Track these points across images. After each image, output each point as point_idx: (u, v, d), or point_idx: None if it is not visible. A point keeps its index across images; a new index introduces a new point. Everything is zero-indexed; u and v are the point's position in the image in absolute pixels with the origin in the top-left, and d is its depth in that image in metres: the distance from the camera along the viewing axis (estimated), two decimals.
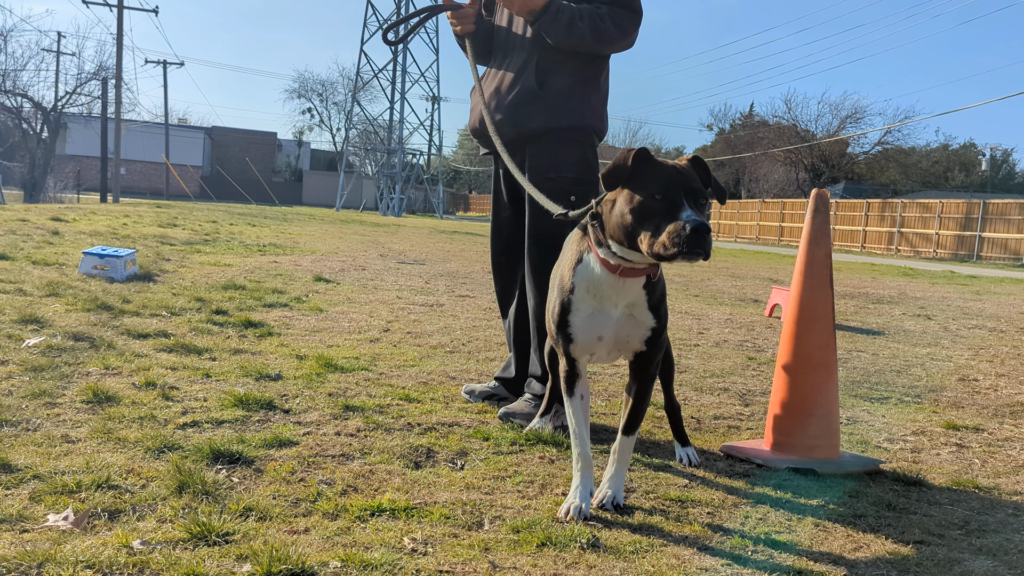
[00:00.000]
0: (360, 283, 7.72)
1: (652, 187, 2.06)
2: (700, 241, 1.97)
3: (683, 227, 1.97)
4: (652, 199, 2.05)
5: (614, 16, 3.06)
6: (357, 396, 3.35)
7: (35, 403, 2.92)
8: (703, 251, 1.98)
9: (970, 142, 58.52)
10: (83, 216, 16.37)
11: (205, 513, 2.02)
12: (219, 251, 10.31)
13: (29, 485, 2.17)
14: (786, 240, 35.69)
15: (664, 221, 2.02)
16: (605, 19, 3.05)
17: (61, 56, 38.46)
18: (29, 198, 29.08)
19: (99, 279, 6.34)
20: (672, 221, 2.00)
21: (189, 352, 3.96)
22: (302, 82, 72.09)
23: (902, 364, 5.11)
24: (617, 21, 3.06)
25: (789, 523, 2.30)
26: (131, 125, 47.77)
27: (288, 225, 19.72)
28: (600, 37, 3.05)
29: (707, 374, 4.39)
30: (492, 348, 4.74)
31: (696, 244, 1.97)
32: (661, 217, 2.03)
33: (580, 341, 2.34)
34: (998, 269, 21.59)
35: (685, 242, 1.97)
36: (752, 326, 6.53)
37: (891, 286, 12.23)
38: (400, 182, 46.32)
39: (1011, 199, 28.09)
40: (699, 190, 2.09)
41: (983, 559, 2.11)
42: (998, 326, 7.61)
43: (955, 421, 3.61)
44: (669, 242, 1.99)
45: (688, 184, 2.07)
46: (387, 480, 2.41)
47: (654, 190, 2.06)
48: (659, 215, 2.04)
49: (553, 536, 2.05)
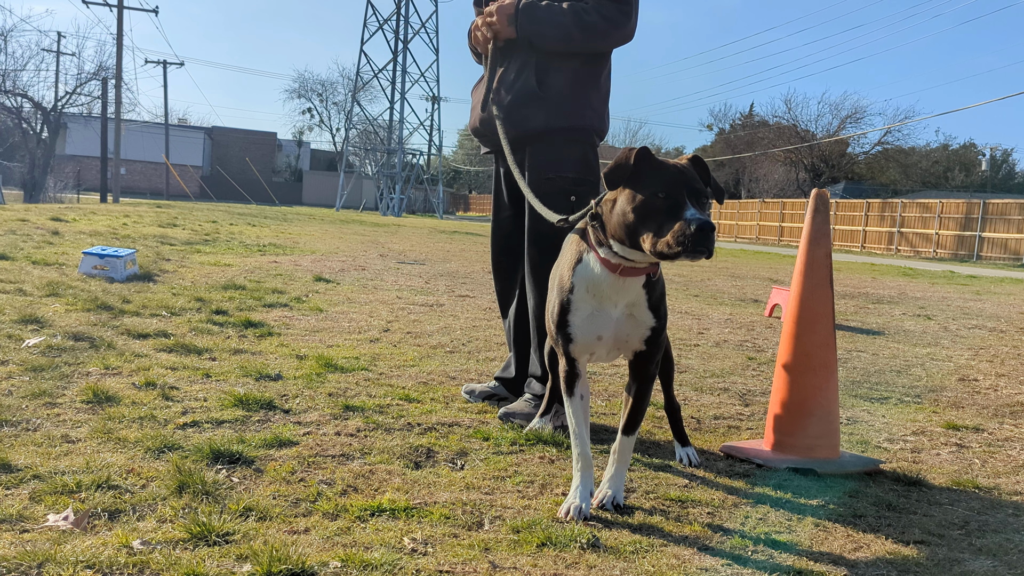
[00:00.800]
0: (360, 283, 7.72)
1: (655, 186, 2.07)
2: (704, 240, 1.98)
3: (688, 226, 1.98)
4: (655, 198, 2.06)
5: (599, 7, 3.02)
6: (357, 396, 3.35)
7: (35, 403, 2.92)
8: (707, 250, 1.99)
9: (970, 142, 58.59)
10: (83, 216, 16.37)
11: (205, 513, 2.02)
12: (219, 251, 10.31)
13: (29, 485, 2.17)
14: (786, 240, 35.69)
15: (668, 220, 2.03)
16: (590, 12, 3.02)
17: (61, 56, 38.48)
18: (29, 198, 29.08)
19: (99, 279, 6.34)
20: (676, 220, 2.01)
21: (189, 352, 3.96)
22: (302, 82, 72.13)
23: (902, 364, 5.11)
24: (604, 13, 3.01)
25: (789, 523, 2.30)
26: (131, 125, 47.81)
27: (288, 225, 19.72)
28: (587, 30, 3.02)
29: (707, 374, 4.39)
30: (492, 348, 4.74)
31: (700, 243, 1.98)
32: (664, 216, 2.04)
33: (580, 341, 2.34)
34: (998, 269, 21.59)
35: (690, 241, 1.98)
36: (752, 326, 6.53)
37: (891, 286, 12.23)
38: (400, 182, 46.32)
39: (1011, 199, 28.09)
40: (701, 189, 2.10)
41: (983, 559, 2.11)
42: (998, 326, 7.61)
43: (955, 421, 3.61)
44: (673, 241, 2.00)
45: (690, 183, 2.09)
46: (387, 480, 2.41)
47: (657, 189, 2.07)
48: (662, 214, 2.04)
49: (553, 536, 2.05)
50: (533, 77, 3.12)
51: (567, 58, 3.12)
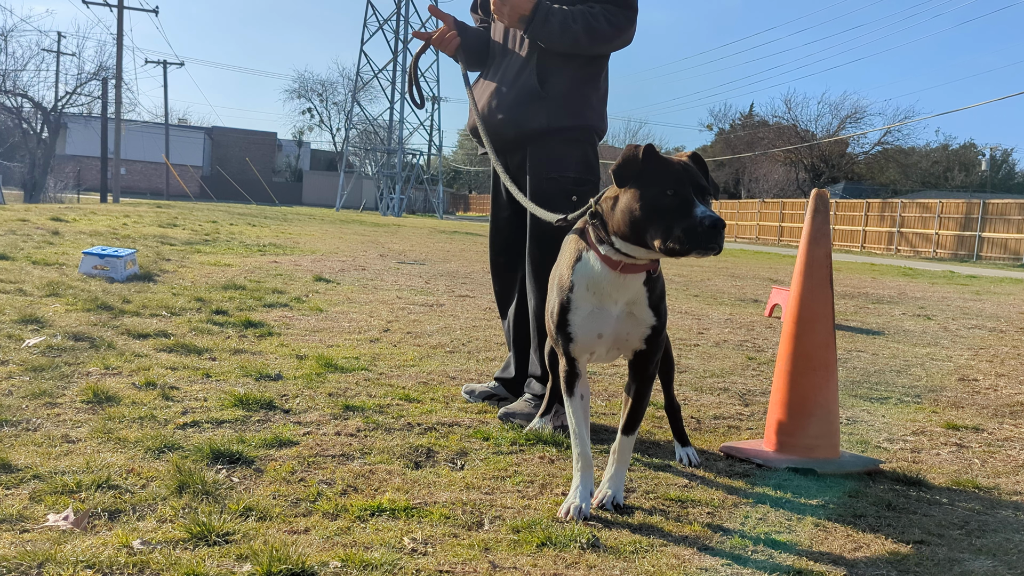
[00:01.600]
0: (360, 283, 7.72)
1: (663, 183, 2.09)
2: (715, 236, 2.02)
3: (699, 223, 2.01)
4: (664, 195, 2.08)
5: (607, 14, 3.04)
6: (357, 396, 3.35)
7: (35, 403, 2.92)
8: (717, 246, 2.03)
9: (970, 142, 58.50)
10: (83, 216, 16.37)
11: (205, 513, 2.02)
12: (219, 251, 10.31)
13: (29, 485, 2.17)
14: (786, 240, 35.69)
15: (678, 217, 2.05)
16: (599, 18, 3.03)
17: (61, 56, 38.49)
18: (29, 198, 29.08)
19: (99, 279, 6.34)
20: (686, 217, 2.04)
21: (189, 352, 3.96)
22: (302, 82, 72.13)
23: (902, 364, 5.11)
24: (611, 19, 3.04)
25: (789, 523, 2.30)
26: (131, 125, 47.84)
27: (288, 225, 19.72)
28: (595, 37, 3.04)
29: (707, 374, 4.39)
30: (492, 348, 4.74)
31: (712, 239, 2.02)
32: (673, 213, 2.06)
33: (580, 340, 2.34)
34: (998, 269, 21.59)
35: (701, 238, 2.01)
36: (752, 326, 6.53)
37: (891, 286, 12.24)
38: (400, 182, 46.30)
39: (1011, 199, 28.09)
40: (705, 186, 2.13)
41: (983, 559, 2.11)
42: (998, 326, 7.61)
43: (955, 421, 3.61)
44: (685, 237, 2.02)
45: (696, 180, 2.12)
46: (387, 480, 2.41)
47: (665, 186, 2.08)
48: (671, 211, 2.06)
49: (553, 536, 2.05)
50: (534, 76, 3.12)
51: (568, 58, 3.12)
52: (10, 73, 29.98)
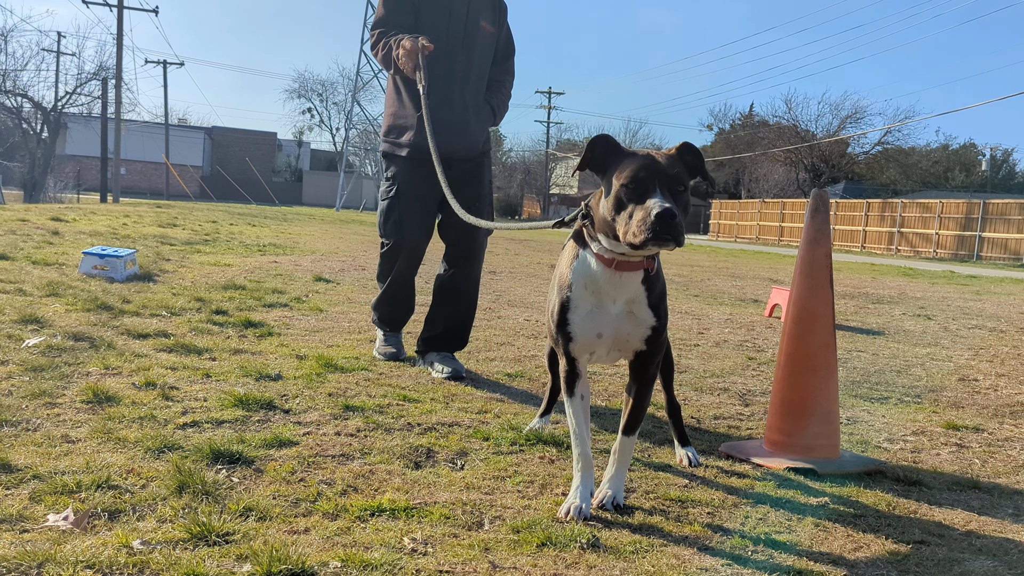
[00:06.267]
0: (360, 283, 7.71)
1: (623, 176, 2.07)
2: (667, 227, 1.95)
3: (648, 213, 1.97)
4: (624, 188, 2.06)
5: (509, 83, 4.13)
6: (357, 396, 3.35)
7: (35, 403, 2.92)
8: (671, 237, 1.97)
9: (970, 142, 58.55)
10: (83, 216, 16.37)
11: (205, 513, 2.02)
12: (219, 251, 10.31)
13: (29, 485, 2.17)
14: (786, 240, 35.70)
15: (636, 209, 2.03)
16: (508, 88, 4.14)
17: (61, 56, 38.51)
18: (29, 198, 29.08)
19: (99, 279, 6.34)
20: (641, 208, 2.01)
21: (189, 352, 3.96)
22: (302, 82, 71.90)
23: (902, 364, 5.11)
24: (510, 86, 4.14)
25: (789, 523, 2.30)
26: (131, 125, 47.82)
27: (288, 225, 19.71)
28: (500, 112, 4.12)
29: (707, 374, 4.39)
30: (492, 348, 4.74)
31: (665, 230, 1.96)
32: (634, 205, 2.04)
33: (579, 339, 2.33)
34: (998, 269, 21.59)
35: (651, 229, 1.96)
36: (752, 326, 6.53)
37: (891, 286, 12.23)
38: None
39: (1011, 199, 28.09)
40: (673, 176, 2.07)
41: (983, 559, 2.11)
42: (998, 326, 7.61)
43: (955, 421, 3.61)
44: (637, 228, 1.99)
45: (661, 170, 2.07)
46: (387, 480, 2.41)
47: (625, 179, 2.06)
48: (632, 203, 2.04)
49: (553, 536, 2.05)
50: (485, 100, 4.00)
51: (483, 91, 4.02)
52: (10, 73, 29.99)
